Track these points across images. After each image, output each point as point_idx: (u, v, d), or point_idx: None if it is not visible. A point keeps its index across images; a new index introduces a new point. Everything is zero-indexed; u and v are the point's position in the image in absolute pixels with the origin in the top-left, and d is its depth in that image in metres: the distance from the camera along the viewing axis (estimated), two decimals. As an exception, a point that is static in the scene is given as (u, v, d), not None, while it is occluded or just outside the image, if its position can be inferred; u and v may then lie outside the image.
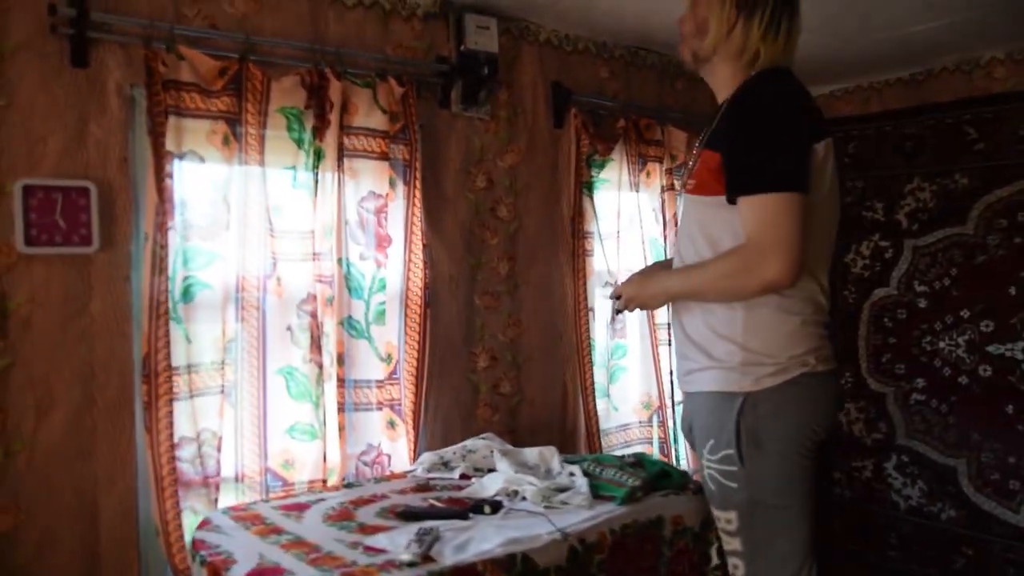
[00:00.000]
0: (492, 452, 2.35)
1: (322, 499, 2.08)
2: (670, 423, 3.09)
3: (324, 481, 2.29)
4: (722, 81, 1.65)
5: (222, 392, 2.17)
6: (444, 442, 2.55)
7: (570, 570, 1.70)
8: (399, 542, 1.68)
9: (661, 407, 3.08)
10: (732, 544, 1.63)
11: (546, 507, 1.92)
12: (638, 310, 1.86)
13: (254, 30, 2.23)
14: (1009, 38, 3.10)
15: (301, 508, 2.00)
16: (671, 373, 3.10)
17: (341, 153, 2.33)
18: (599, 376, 2.93)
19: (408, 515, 1.89)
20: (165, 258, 2.01)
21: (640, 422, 3.10)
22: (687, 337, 1.66)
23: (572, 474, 2.11)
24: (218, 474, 2.16)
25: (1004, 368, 3.13)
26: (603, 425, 2.92)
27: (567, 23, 2.85)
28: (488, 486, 2.09)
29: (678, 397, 3.14)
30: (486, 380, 2.73)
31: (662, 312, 3.09)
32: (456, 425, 2.64)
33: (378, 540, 1.72)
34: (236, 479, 2.21)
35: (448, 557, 1.60)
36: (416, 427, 2.48)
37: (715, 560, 2.01)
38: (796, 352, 1.59)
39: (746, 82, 1.57)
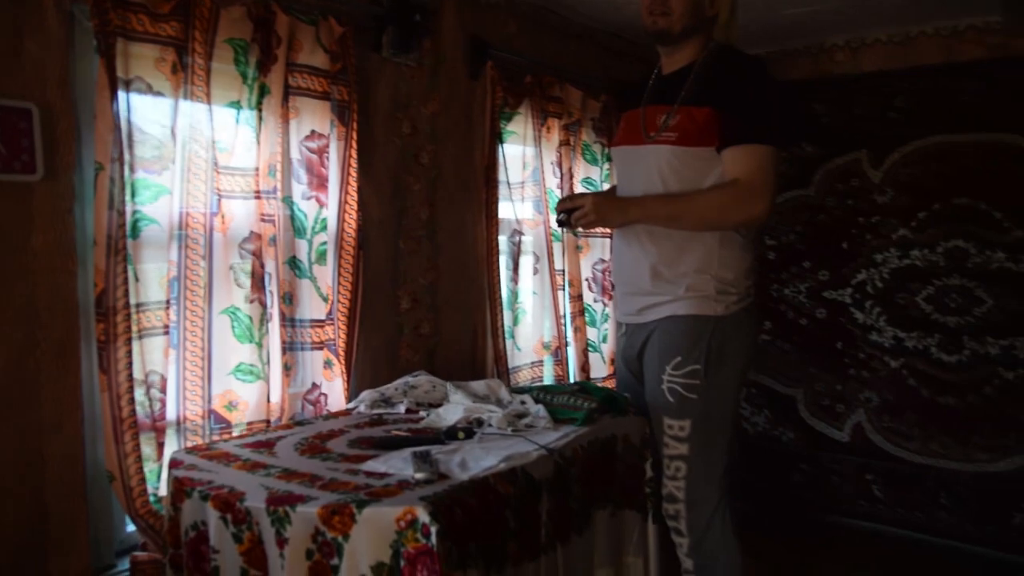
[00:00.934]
0: (434, 387, 2.45)
1: (281, 436, 2.08)
2: (569, 360, 3.34)
3: (268, 422, 2.29)
4: (690, 50, 1.95)
5: (165, 333, 2.09)
6: (373, 381, 2.60)
7: (555, 482, 1.87)
8: (398, 465, 1.76)
9: (560, 347, 3.31)
10: (679, 449, 1.96)
11: (513, 431, 2.07)
12: (583, 228, 2.05)
13: (196, -48, 2.12)
14: (849, 29, 3.59)
15: (268, 445, 2.00)
16: (564, 316, 3.35)
17: (287, 90, 2.29)
18: (506, 318, 3.10)
19: (386, 443, 1.97)
20: (122, 190, 1.90)
21: (539, 361, 3.32)
22: (654, 273, 1.96)
23: (523, 402, 2.27)
24: (163, 418, 2.08)
25: (836, 311, 3.68)
26: (509, 364, 3.10)
27: (485, -24, 2.93)
28: (446, 416, 2.20)
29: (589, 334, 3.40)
30: (408, 322, 2.81)
31: (559, 257, 3.31)
32: (382, 365, 2.70)
33: (375, 465, 1.78)
34: (177, 422, 2.15)
35: (459, 474, 1.71)
36: (348, 367, 2.52)
37: (649, 473, 2.27)
38: (749, 283, 1.97)
39: (720, 51, 1.93)
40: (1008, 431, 3.35)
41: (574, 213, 1.95)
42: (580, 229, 2.04)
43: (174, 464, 1.86)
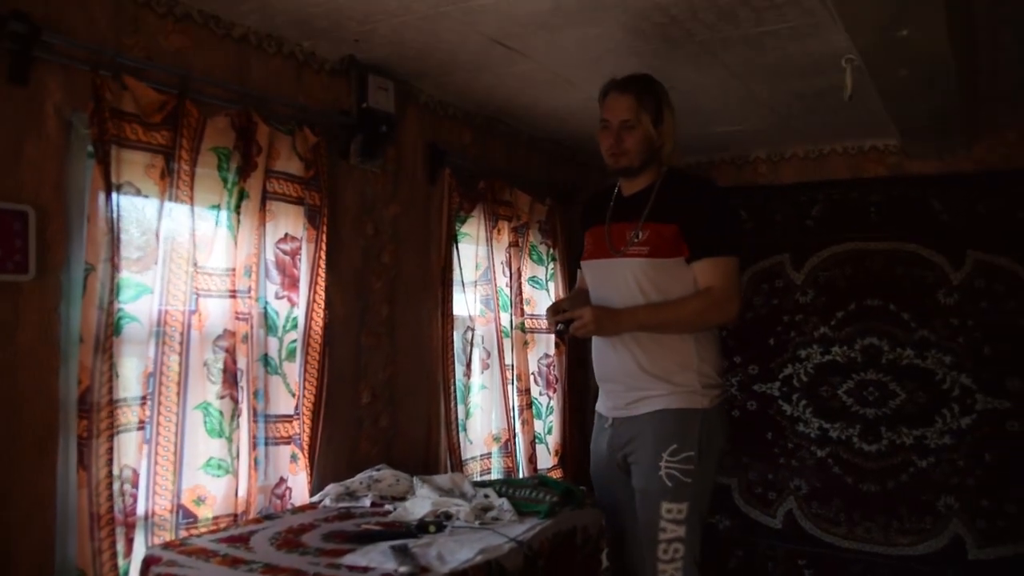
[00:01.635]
0: (397, 480, 2.53)
1: (254, 531, 2.12)
2: (517, 453, 3.44)
3: (235, 516, 2.31)
4: (647, 175, 2.22)
5: (140, 428, 2.12)
6: (335, 474, 2.65)
7: (524, 573, 1.97)
8: (379, 559, 1.83)
9: (509, 439, 3.42)
10: (677, 532, 2.08)
11: (481, 524, 2.16)
12: (579, 335, 2.15)
13: (186, 66, 2.26)
14: (770, 145, 3.97)
15: (243, 539, 2.04)
16: (512, 409, 3.47)
17: (264, 195, 2.41)
18: (459, 411, 3.20)
19: (361, 537, 2.03)
20: (110, 290, 1.97)
21: (488, 453, 3.41)
22: (643, 371, 2.13)
23: (487, 496, 2.37)
24: (134, 513, 2.09)
25: (766, 403, 3.92)
26: (462, 456, 3.19)
27: (443, 90, 3.16)
28: (414, 510, 2.27)
29: (532, 429, 3.52)
30: (368, 415, 2.88)
31: (508, 352, 3.45)
32: (343, 458, 2.76)
33: (356, 559, 1.85)
34: (146, 517, 2.15)
35: (439, 567, 1.79)
36: (312, 460, 2.57)
37: (604, 563, 2.38)
38: (722, 379, 2.23)
39: (673, 174, 2.23)
40: (924, 516, 3.60)
41: (572, 324, 2.11)
42: (576, 335, 2.14)
43: (152, 561, 1.88)
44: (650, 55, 2.63)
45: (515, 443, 3.46)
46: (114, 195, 2.02)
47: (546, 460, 3.71)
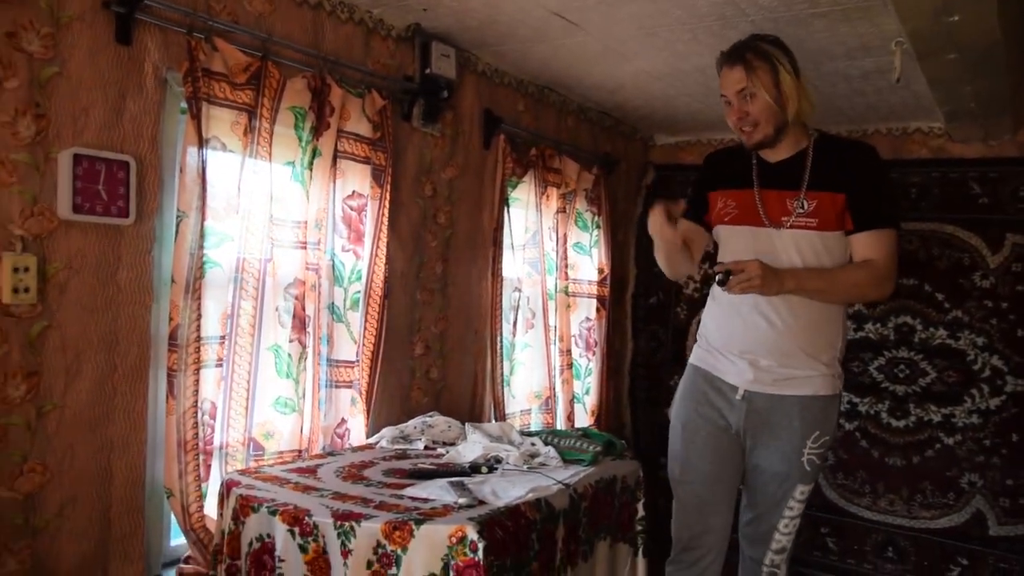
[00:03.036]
0: (449, 427, 2.71)
1: (319, 464, 2.31)
2: (557, 410, 3.61)
3: (299, 451, 2.50)
4: (790, 141, 2.09)
5: (219, 365, 2.31)
6: (388, 419, 2.84)
7: (569, 513, 2.14)
8: (438, 492, 2.01)
9: (550, 397, 3.58)
10: (800, 509, 2.14)
11: (529, 468, 2.33)
12: (737, 290, 1.97)
13: (268, 30, 2.41)
14: (813, 123, 4.03)
15: (310, 471, 2.23)
16: (554, 369, 3.63)
17: (336, 154, 2.57)
18: (504, 368, 3.37)
19: (420, 474, 2.21)
20: (199, 236, 2.15)
21: (528, 409, 3.58)
22: (799, 349, 2.07)
23: (533, 443, 2.54)
24: (211, 442, 2.29)
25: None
26: (505, 410, 3.36)
27: (500, 59, 3.28)
28: (466, 453, 2.45)
29: (569, 389, 3.68)
30: (420, 366, 3.06)
31: (552, 314, 3.60)
32: (397, 404, 2.94)
33: (416, 492, 2.02)
34: (220, 447, 2.35)
35: (494, 501, 1.96)
36: (369, 405, 2.75)
37: (640, 512, 2.54)
38: None
39: (826, 138, 2.15)
40: (947, 491, 3.71)
41: (734, 276, 1.95)
42: (734, 289, 1.96)
43: (232, 484, 2.07)
44: (704, 32, 2.73)
45: (555, 401, 3.63)
46: (203, 149, 2.19)
47: (583, 419, 3.87)
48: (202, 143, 2.15)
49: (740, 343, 2.14)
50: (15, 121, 1.86)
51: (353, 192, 2.67)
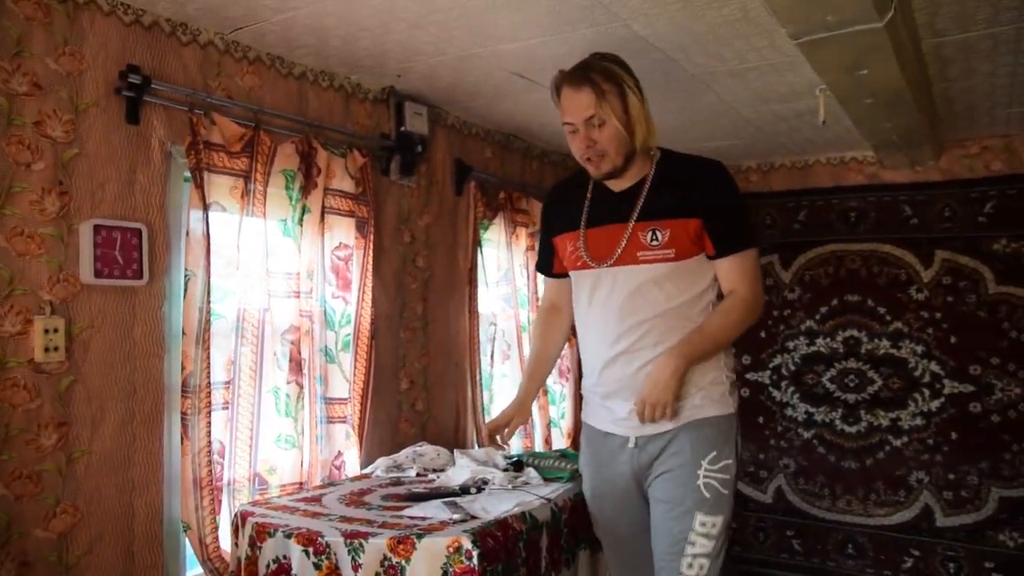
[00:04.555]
0: (438, 454, 2.94)
1: (322, 494, 2.53)
2: (535, 434, 3.86)
3: (300, 484, 2.72)
4: (637, 167, 1.94)
5: (225, 408, 2.53)
6: (380, 451, 3.07)
7: (551, 524, 2.37)
8: (433, 511, 2.24)
9: (528, 422, 3.83)
10: (706, 547, 1.91)
11: (513, 487, 2.57)
12: (655, 419, 1.90)
13: (258, 102, 2.67)
14: (759, 156, 4.38)
15: (314, 500, 2.45)
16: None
17: (323, 210, 2.82)
18: (484, 397, 3.62)
19: (416, 497, 2.44)
20: (205, 292, 2.38)
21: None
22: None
23: (517, 465, 2.78)
24: (221, 479, 2.51)
25: (757, 390, 4.33)
26: (487, 437, 3.60)
27: (468, 113, 3.57)
28: (455, 477, 2.68)
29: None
30: (407, 400, 3.30)
31: (525, 345, 3.86)
32: (387, 436, 3.17)
33: (415, 512, 2.26)
34: (228, 483, 2.56)
35: (484, 515, 2.20)
36: (362, 438, 2.98)
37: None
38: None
39: (671, 156, 1.99)
40: (898, 489, 4.02)
41: (645, 424, 1.90)
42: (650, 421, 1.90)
43: (246, 515, 2.29)
44: (649, 84, 3.03)
45: (533, 426, 3.87)
46: (206, 213, 2.43)
47: (560, 442, 4.12)
48: (205, 207, 2.39)
49: (616, 390, 2.00)
50: (42, 199, 2.10)
51: (340, 243, 2.92)
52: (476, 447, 3.55)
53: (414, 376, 3.34)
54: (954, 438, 3.92)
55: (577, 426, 4.27)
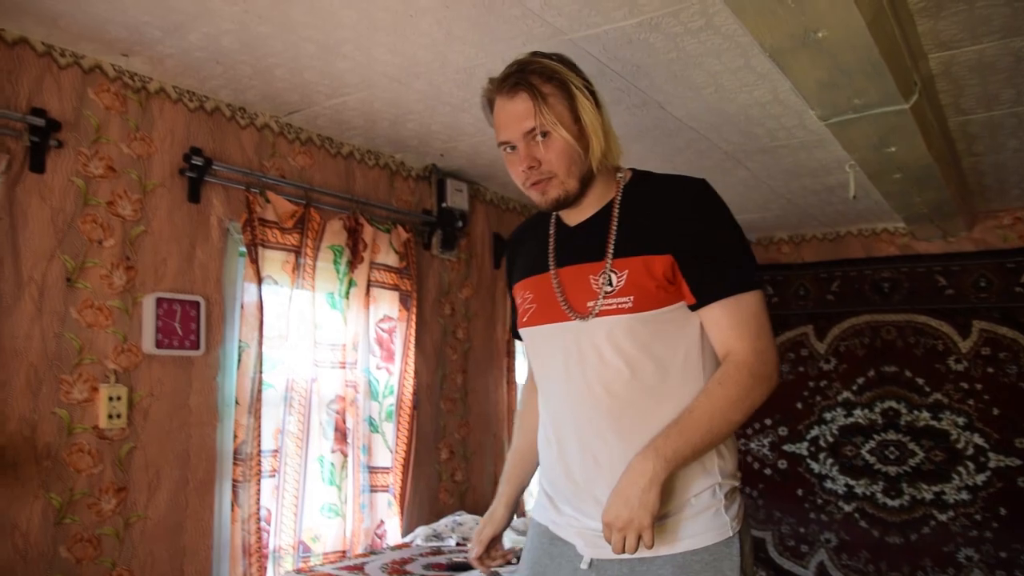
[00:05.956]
0: (477, 523, 2.95)
1: (365, 562, 2.56)
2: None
3: (343, 552, 2.75)
4: (598, 192, 1.43)
5: (272, 475, 2.60)
6: (420, 519, 3.10)
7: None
8: (476, 581, 2.26)
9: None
10: None
11: (553, 557, 2.58)
12: (629, 550, 1.25)
13: (309, 180, 2.82)
14: (791, 228, 4.46)
15: (357, 568, 2.48)
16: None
17: (369, 283, 2.93)
18: (521, 468, 3.64)
19: (458, 567, 2.46)
20: (261, 363, 2.48)
21: (546, 507, 3.82)
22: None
23: (555, 536, 2.79)
24: (267, 545, 2.55)
25: (795, 462, 4.29)
26: (525, 507, 3.61)
27: (506, 188, 3.70)
28: (495, 547, 2.70)
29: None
30: (446, 470, 3.33)
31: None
32: (427, 505, 3.20)
33: (457, 581, 2.28)
34: (273, 549, 2.61)
35: (527, 585, 2.21)
36: (403, 507, 3.01)
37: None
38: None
39: (641, 179, 1.45)
40: (947, 567, 3.92)
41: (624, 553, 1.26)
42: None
43: (292, 582, 2.33)
44: (683, 162, 3.15)
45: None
46: (260, 286, 2.55)
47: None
48: (259, 281, 2.51)
49: (571, 488, 1.41)
50: (111, 273, 2.23)
51: (384, 316, 3.02)
52: (515, 517, 3.55)
53: (454, 446, 3.39)
54: (1003, 514, 3.84)
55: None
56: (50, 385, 2.08)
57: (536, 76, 1.37)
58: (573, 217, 1.46)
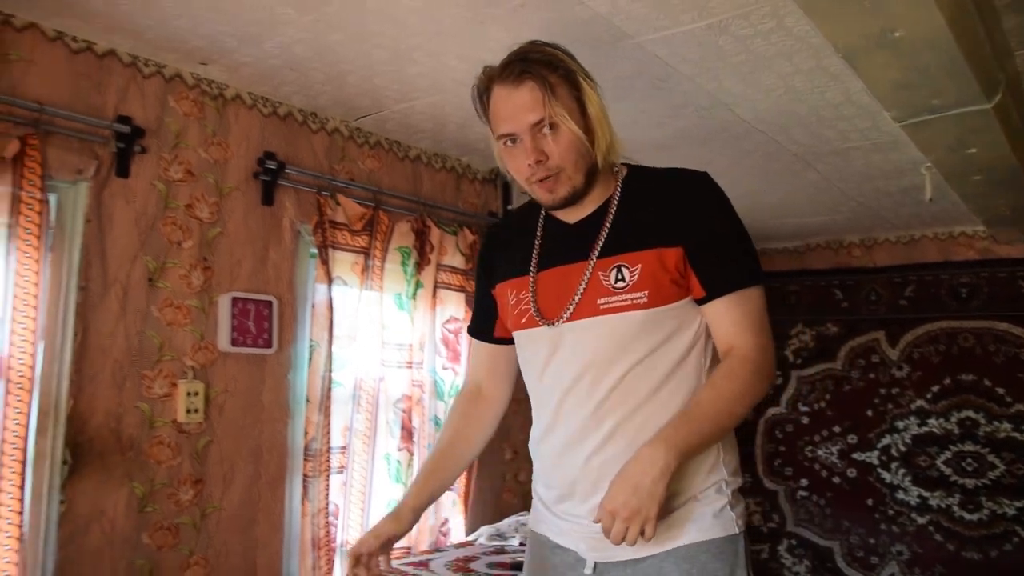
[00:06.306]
0: (539, 525, 2.97)
1: (430, 559, 2.60)
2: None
3: (408, 549, 2.80)
4: (599, 188, 1.38)
5: (341, 471, 2.66)
6: (483, 519, 3.12)
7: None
8: (539, 581, 2.27)
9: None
10: None
11: (616, 561, 2.57)
12: (636, 533, 1.17)
13: (377, 183, 2.87)
14: (862, 231, 4.34)
15: (422, 564, 2.52)
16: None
17: (435, 285, 2.98)
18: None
19: (520, 567, 2.47)
20: (330, 362, 2.54)
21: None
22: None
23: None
24: (334, 540, 2.61)
25: (865, 471, 4.19)
26: (586, 511, 3.61)
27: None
28: (558, 548, 2.71)
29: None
30: (510, 470, 3.36)
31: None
32: (490, 505, 3.23)
33: (520, 581, 2.29)
34: (340, 545, 2.67)
35: (589, 588, 2.22)
36: (466, 506, 3.05)
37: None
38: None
39: (639, 171, 1.43)
40: (1027, 584, 3.77)
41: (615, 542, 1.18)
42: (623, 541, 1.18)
43: (359, 576, 2.38)
44: (751, 165, 3.11)
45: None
46: (330, 287, 2.61)
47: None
48: (329, 282, 2.57)
49: (565, 490, 1.38)
50: (189, 274, 2.31)
51: (450, 317, 3.06)
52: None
53: (518, 447, 3.40)
54: (1087, 530, 3.67)
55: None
56: (133, 380, 2.17)
57: (542, 65, 1.30)
58: (572, 214, 1.40)
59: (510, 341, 1.53)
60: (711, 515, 1.30)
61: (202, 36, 2.12)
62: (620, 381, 1.30)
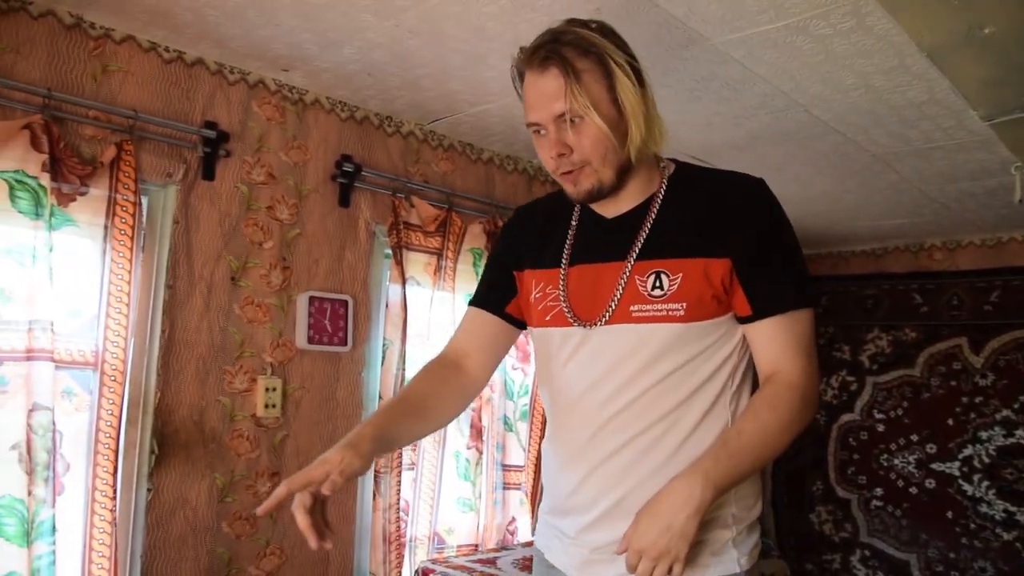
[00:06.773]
0: (607, 527, 2.97)
1: (497, 557, 2.63)
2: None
3: (475, 546, 2.83)
4: (640, 183, 1.28)
5: (411, 468, 2.71)
6: (549, 521, 3.14)
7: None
8: (606, 583, 2.28)
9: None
10: None
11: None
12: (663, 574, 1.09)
13: (450, 185, 2.91)
14: (944, 234, 4.19)
15: (489, 562, 2.55)
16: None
17: (505, 284, 3.00)
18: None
19: (587, 568, 2.48)
20: (403, 360, 2.59)
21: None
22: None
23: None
24: (404, 534, 2.67)
25: (945, 482, 4.04)
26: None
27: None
28: (625, 551, 2.70)
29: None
30: (576, 471, 3.36)
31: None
32: (556, 507, 3.24)
33: (587, 582, 2.30)
34: (409, 539, 2.72)
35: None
36: (534, 505, 3.06)
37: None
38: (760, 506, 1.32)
39: (687, 170, 1.33)
40: (1121, 605, 3.58)
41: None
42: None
43: (427, 572, 2.43)
44: (827, 166, 3.04)
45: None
46: (404, 287, 2.66)
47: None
48: (403, 282, 2.63)
49: (565, 501, 1.30)
50: (269, 273, 2.39)
51: (519, 316, 3.08)
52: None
53: (584, 448, 3.41)
54: None
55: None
56: (215, 375, 2.26)
57: (571, 48, 1.19)
58: (610, 209, 1.30)
59: (517, 323, 1.42)
60: (708, 553, 1.19)
61: (285, 43, 2.19)
62: (636, 399, 1.21)
